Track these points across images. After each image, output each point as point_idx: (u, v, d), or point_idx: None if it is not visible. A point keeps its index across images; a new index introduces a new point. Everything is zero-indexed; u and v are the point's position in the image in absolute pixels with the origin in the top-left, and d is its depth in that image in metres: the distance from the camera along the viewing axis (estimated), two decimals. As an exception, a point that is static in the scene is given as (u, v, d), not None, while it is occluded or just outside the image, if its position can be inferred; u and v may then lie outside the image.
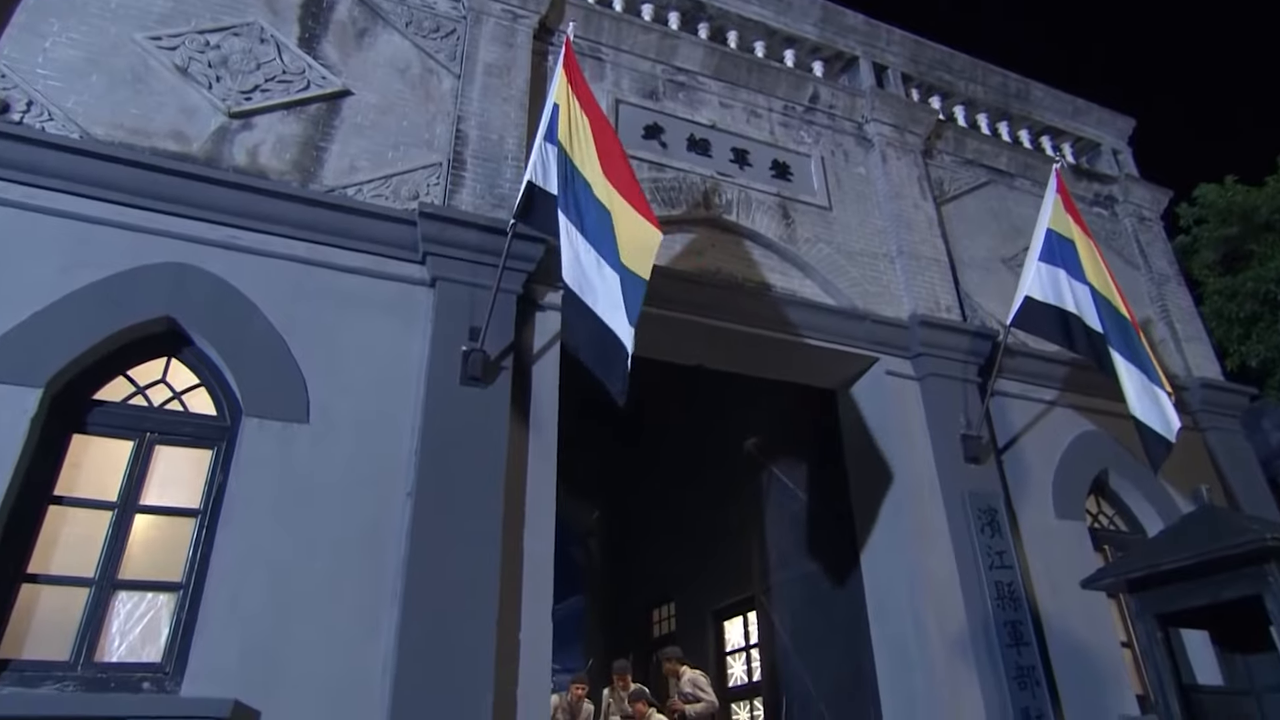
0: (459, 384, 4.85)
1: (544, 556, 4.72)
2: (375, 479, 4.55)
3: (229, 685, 3.83)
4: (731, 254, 6.43)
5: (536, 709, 4.34)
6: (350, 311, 4.94)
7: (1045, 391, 7.03)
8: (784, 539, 7.30)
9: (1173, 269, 8.78)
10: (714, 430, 9.61)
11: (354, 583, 4.26)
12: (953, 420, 6.29)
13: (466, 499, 4.54)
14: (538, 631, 4.51)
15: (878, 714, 5.87)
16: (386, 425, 4.71)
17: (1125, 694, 5.96)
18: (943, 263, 7.15)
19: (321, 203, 5.08)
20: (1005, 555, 5.87)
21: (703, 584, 9.88)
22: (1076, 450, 6.87)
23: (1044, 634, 5.85)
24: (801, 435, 7.35)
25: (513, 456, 4.84)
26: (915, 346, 6.48)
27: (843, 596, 6.43)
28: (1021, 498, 6.40)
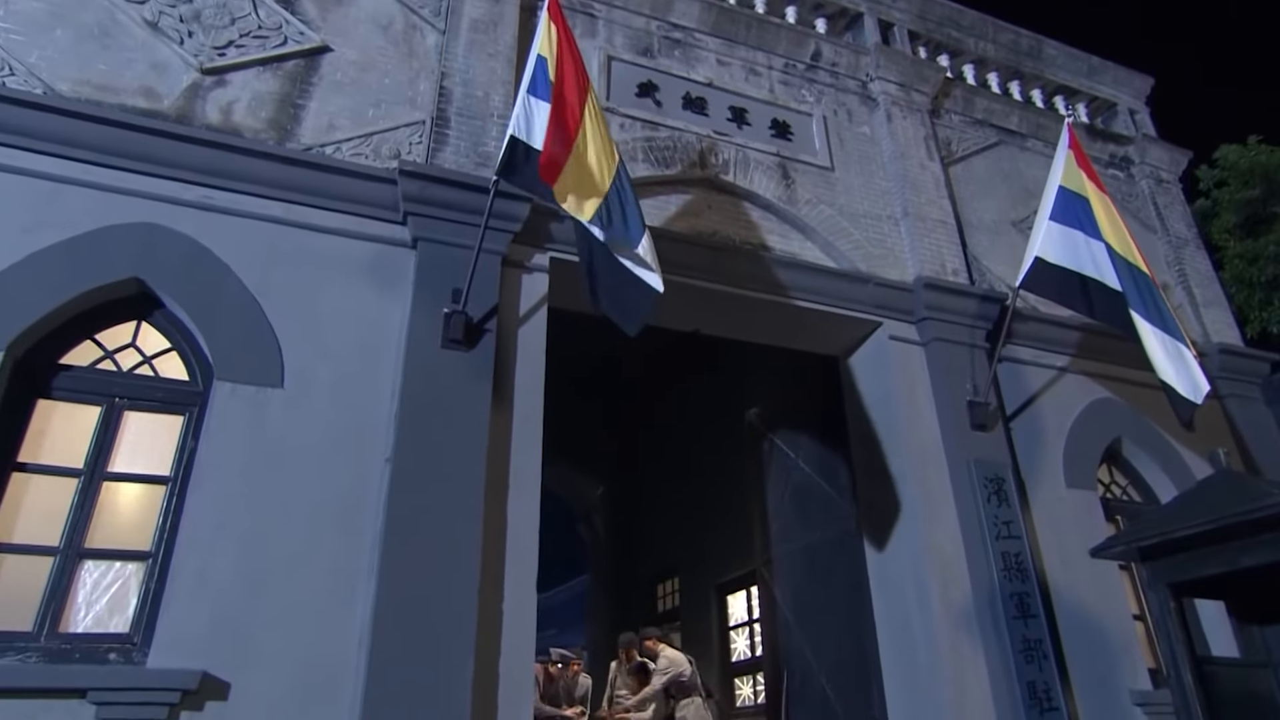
0: (440, 347, 4.67)
1: (528, 525, 4.55)
2: (352, 445, 4.39)
3: (197, 656, 3.70)
4: (729, 215, 6.20)
5: (520, 681, 4.19)
6: (328, 273, 4.77)
7: (1056, 357, 6.78)
8: (785, 510, 7.11)
9: (1191, 232, 8.46)
10: (718, 403, 9.41)
11: (329, 552, 4.12)
12: (959, 386, 6.06)
13: (447, 465, 4.37)
14: (521, 602, 4.36)
15: (879, 688, 5.70)
16: (364, 390, 4.54)
17: (1137, 668, 5.76)
18: (949, 225, 6.88)
19: (298, 161, 4.89)
20: (1012, 525, 5.66)
21: (706, 558, 9.73)
22: (1088, 418, 6.63)
23: (1052, 606, 5.65)
24: (803, 404, 7.14)
25: (496, 422, 4.67)
26: (920, 310, 6.25)
27: (844, 568, 6.24)
28: (1030, 467, 6.17)
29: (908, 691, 5.48)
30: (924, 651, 5.38)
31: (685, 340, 10.56)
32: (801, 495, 6.92)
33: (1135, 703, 5.57)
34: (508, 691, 4.13)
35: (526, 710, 4.18)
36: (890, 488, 5.92)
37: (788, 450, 7.18)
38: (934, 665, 5.29)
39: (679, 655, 7.14)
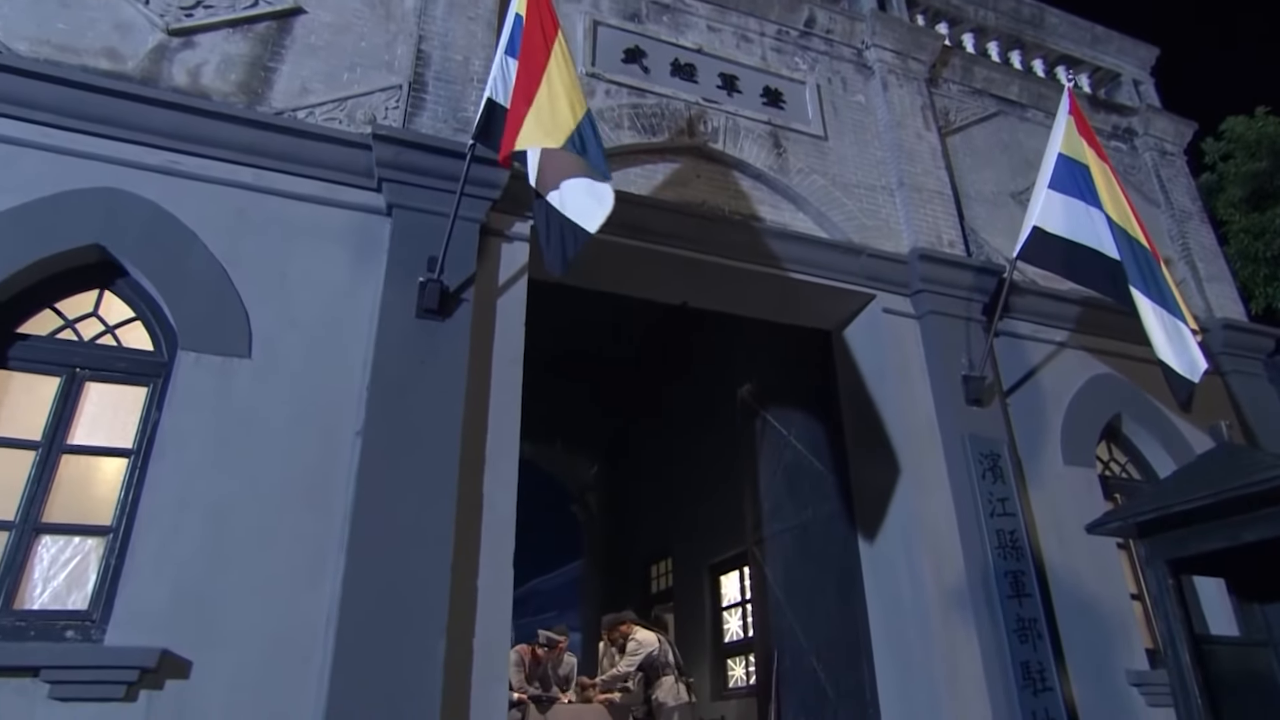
0: (414, 317, 4.52)
1: (505, 501, 4.41)
2: (322, 417, 4.24)
3: (157, 634, 3.57)
4: (718, 185, 6.02)
5: (494, 659, 4.06)
6: (299, 241, 4.61)
7: (1055, 332, 6.62)
8: (777, 489, 6.97)
9: (1195, 205, 8.26)
10: (713, 381, 9.28)
11: (296, 527, 3.98)
12: (954, 360, 5.90)
13: (420, 439, 4.23)
14: (497, 580, 4.22)
15: (870, 667, 5.58)
16: (336, 360, 4.39)
17: (1134, 648, 5.63)
18: (946, 196, 6.70)
19: (269, 125, 4.72)
20: (1008, 502, 5.51)
21: (699, 538, 9.62)
22: (1088, 394, 6.47)
23: (1048, 585, 5.51)
24: (796, 380, 6.99)
25: (473, 395, 4.52)
26: (915, 283, 6.07)
27: (836, 547, 6.11)
28: (1027, 443, 6.02)
29: (899, 671, 5.35)
30: (915, 630, 5.25)
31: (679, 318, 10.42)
32: (793, 473, 6.78)
33: (1132, 683, 5.44)
34: (482, 670, 4.00)
35: (501, 689, 4.05)
36: (883, 464, 5.77)
37: (780, 427, 7.03)
38: (925, 644, 5.16)
39: (649, 636, 7.06)
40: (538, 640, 6.83)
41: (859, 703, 5.66)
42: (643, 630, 7.43)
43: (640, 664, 6.83)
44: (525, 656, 6.73)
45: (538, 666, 6.71)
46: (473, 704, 3.92)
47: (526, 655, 6.75)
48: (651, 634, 7.39)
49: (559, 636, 7.01)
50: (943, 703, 4.96)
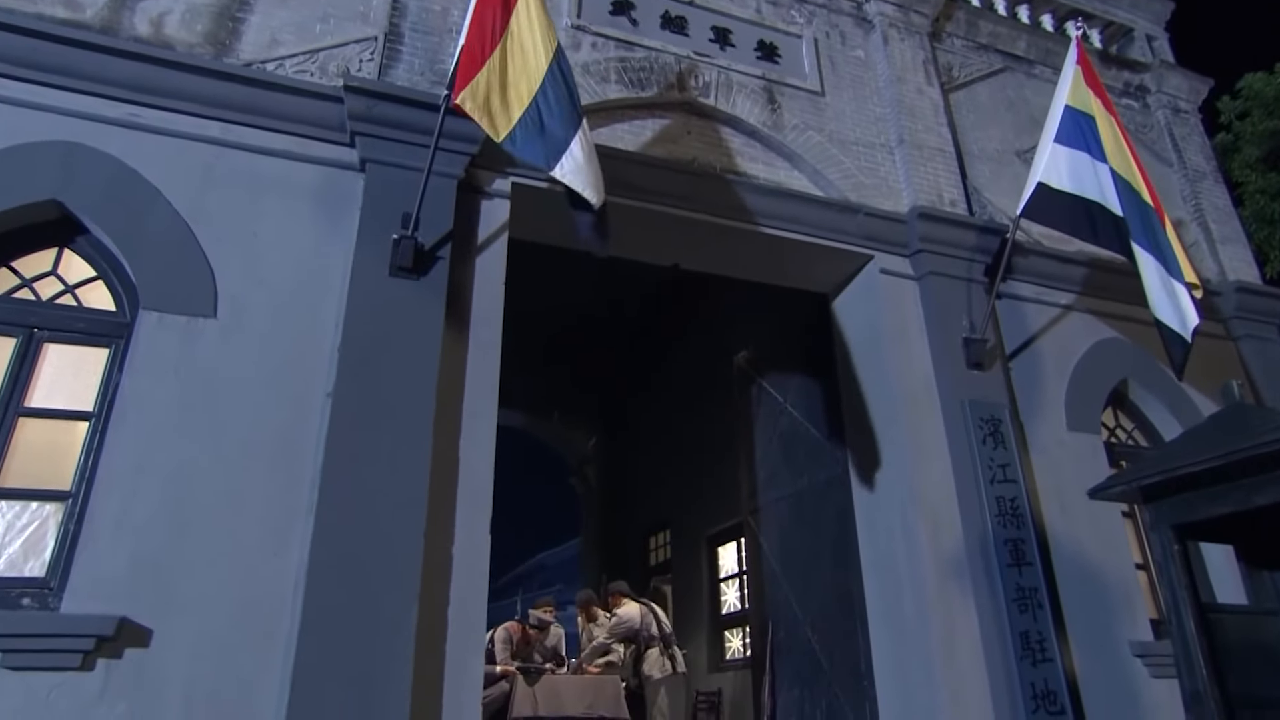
0: (387, 275, 4.34)
1: (482, 465, 4.26)
2: (291, 378, 4.08)
3: (116, 601, 3.44)
4: (709, 141, 5.79)
5: (471, 630, 3.93)
6: (268, 197, 4.42)
7: (1060, 295, 6.39)
8: (773, 457, 6.80)
9: (1209, 165, 7.97)
10: (710, 349, 9.08)
11: (263, 491, 3.83)
12: (954, 323, 5.69)
13: (392, 400, 4.07)
14: (474, 546, 4.08)
15: (865, 639, 5.43)
16: (305, 320, 4.23)
17: (1138, 618, 5.46)
18: (948, 153, 6.45)
19: (237, 77, 4.52)
20: (1009, 469, 5.33)
21: (697, 509, 9.49)
22: (1094, 358, 6.25)
23: (1049, 554, 5.34)
24: (792, 345, 6.80)
25: (448, 357, 4.35)
26: (914, 243, 5.85)
27: (832, 516, 5.95)
28: (1030, 408, 5.82)
29: (894, 642, 5.21)
30: (911, 601, 5.10)
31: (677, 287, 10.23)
32: (789, 440, 6.61)
33: (1135, 654, 5.28)
34: (457, 641, 3.87)
35: (477, 660, 3.92)
36: (880, 430, 5.59)
37: (776, 394, 6.85)
38: (921, 615, 5.01)
39: (632, 609, 6.95)
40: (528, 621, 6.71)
41: (854, 674, 5.52)
42: (628, 602, 7.32)
43: (622, 636, 6.72)
44: (514, 634, 6.62)
45: (525, 646, 6.60)
46: (447, 675, 3.79)
47: (516, 633, 6.64)
48: (635, 607, 7.26)
49: (549, 618, 6.90)
50: (938, 674, 4.81)
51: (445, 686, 3.77)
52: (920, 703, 4.91)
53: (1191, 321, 4.71)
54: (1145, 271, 4.86)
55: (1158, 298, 4.80)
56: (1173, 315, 4.75)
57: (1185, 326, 4.72)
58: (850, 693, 5.54)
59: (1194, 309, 4.74)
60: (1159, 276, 4.81)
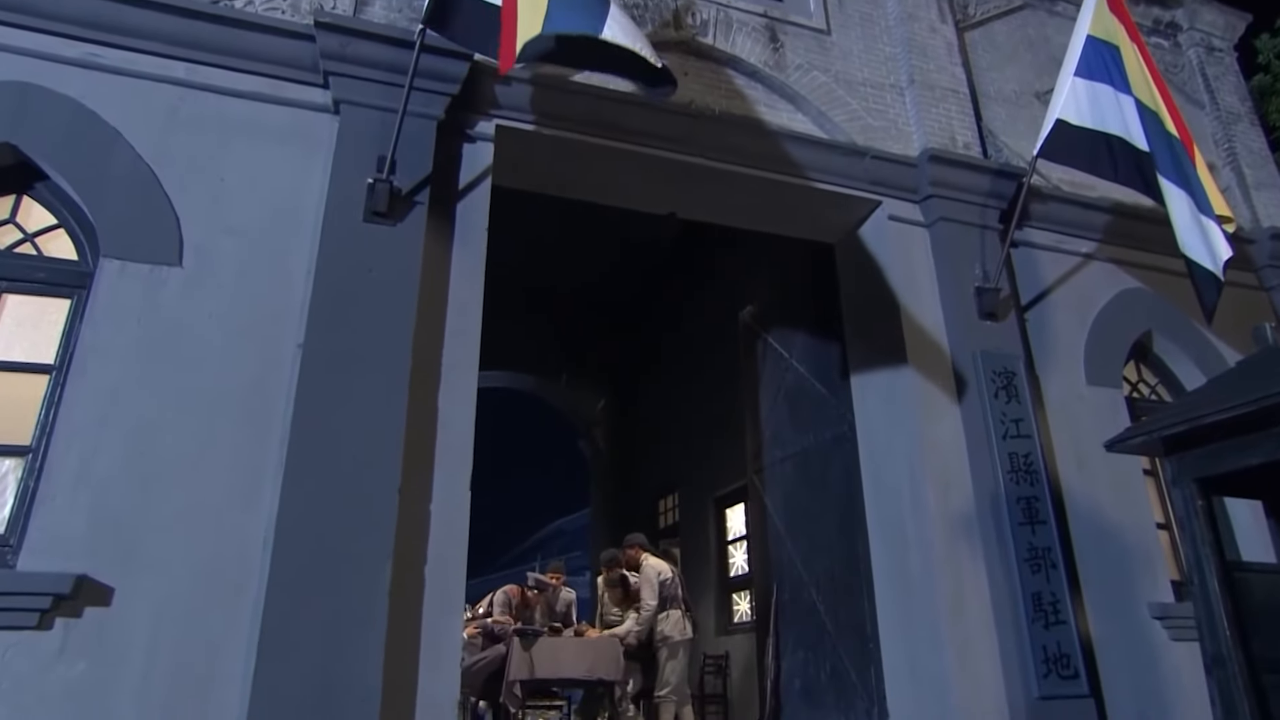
0: (362, 221, 4.13)
1: (463, 419, 4.08)
2: (261, 329, 3.90)
3: (75, 558, 3.30)
4: (708, 83, 5.49)
5: (448, 589, 3.77)
6: (236, 141, 4.21)
7: (1080, 243, 6.06)
8: (778, 415, 6.57)
9: (1245, 107, 7.53)
10: (718, 308, 8.83)
11: (231, 446, 3.67)
12: (966, 272, 5.40)
13: (366, 351, 3.88)
14: (453, 503, 3.90)
15: (870, 601, 5.23)
16: (276, 268, 4.04)
17: (1159, 580, 5.21)
18: (962, 94, 6.10)
19: (204, 14, 4.30)
20: (1023, 423, 5.06)
21: (705, 471, 9.30)
22: (1115, 309, 5.94)
23: (1065, 512, 5.09)
24: (797, 299, 6.53)
25: (427, 306, 4.15)
26: (924, 188, 5.55)
27: (837, 474, 5.73)
28: (1046, 361, 5.54)
29: (900, 604, 5.00)
30: (918, 561, 4.88)
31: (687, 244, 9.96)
32: (794, 397, 6.37)
33: (1154, 616, 5.05)
34: (434, 599, 3.71)
35: (455, 620, 3.76)
36: (887, 384, 5.34)
37: (781, 350, 6.60)
38: (928, 576, 4.79)
39: (663, 564, 6.68)
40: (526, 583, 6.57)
41: (859, 637, 5.33)
42: (653, 558, 6.99)
43: (667, 596, 6.39)
44: (514, 597, 6.49)
45: (526, 609, 6.46)
46: (424, 634, 3.64)
47: (515, 595, 6.51)
48: (664, 562, 6.95)
49: (548, 579, 6.74)
50: (945, 636, 4.61)
51: (422, 646, 3.62)
52: (926, 666, 4.72)
53: (1223, 256, 4.39)
54: (1173, 206, 4.54)
55: (1187, 234, 4.49)
56: (1203, 252, 4.43)
57: (1217, 263, 4.40)
58: (855, 655, 5.35)
59: (1225, 243, 4.41)
60: (1188, 211, 4.49)
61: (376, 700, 3.37)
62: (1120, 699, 4.75)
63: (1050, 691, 4.47)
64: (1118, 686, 4.78)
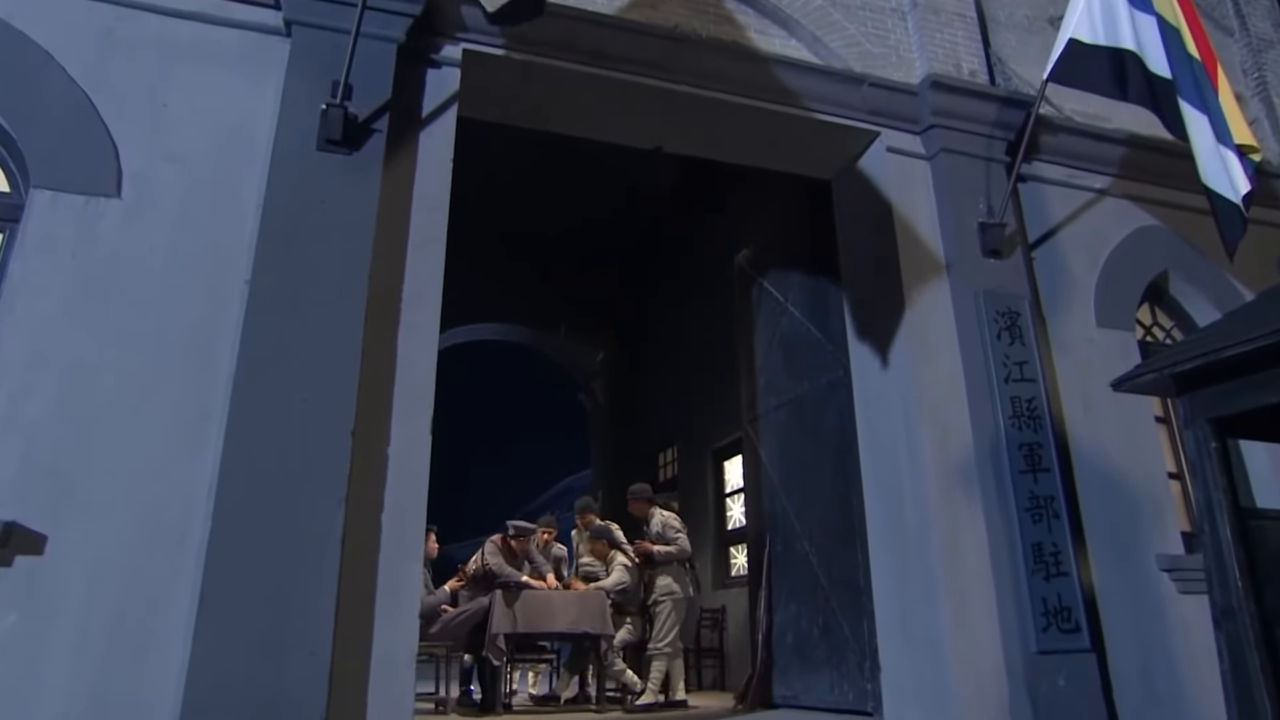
0: (315, 149, 3.85)
1: (423, 360, 3.84)
2: (206, 264, 3.66)
3: (4, 504, 3.11)
4: (693, 6, 5.12)
5: (407, 537, 3.57)
6: (180, 64, 3.93)
7: (1094, 177, 5.70)
8: (773, 362, 6.31)
9: (1278, 33, 7.07)
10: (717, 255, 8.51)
11: (175, 387, 3.46)
12: (969, 206, 5.08)
13: (318, 288, 3.64)
14: (412, 447, 3.69)
15: (864, 552, 5.02)
16: (224, 200, 3.78)
17: (1168, 530, 4.96)
18: (969, 19, 5.70)
19: (143, -72, 3.98)
20: (1026, 366, 4.78)
21: (704, 423, 9.08)
22: (1130, 248, 5.60)
23: (1070, 460, 4.83)
24: (794, 240, 6.23)
25: (386, 239, 3.89)
26: (926, 117, 5.20)
27: (832, 421, 5.48)
28: (1055, 301, 5.23)
29: (894, 555, 4.78)
30: (913, 511, 4.65)
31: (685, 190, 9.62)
32: (790, 343, 6.10)
33: (1163, 568, 4.81)
34: (392, 548, 3.51)
35: (413, 568, 3.56)
36: (883, 326, 5.06)
37: (777, 294, 6.32)
38: (923, 526, 4.56)
39: (673, 518, 6.44)
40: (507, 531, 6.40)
41: (852, 590, 5.14)
42: (659, 510, 6.66)
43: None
44: (499, 545, 6.33)
45: (512, 559, 6.29)
46: (380, 584, 3.45)
47: (500, 543, 6.34)
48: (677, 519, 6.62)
49: (532, 526, 6.56)
50: (939, 589, 4.39)
51: (378, 597, 3.43)
52: (919, 620, 4.51)
53: (1243, 189, 4.04)
54: (1194, 133, 4.19)
55: (1208, 163, 4.14)
56: (1225, 183, 4.09)
57: (1237, 193, 4.06)
58: (848, 609, 5.16)
59: (1244, 175, 4.06)
60: (1210, 139, 4.14)
61: (327, 653, 3.19)
62: (1124, 653, 4.54)
63: (1050, 645, 4.26)
64: (1121, 640, 4.56)
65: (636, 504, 6.53)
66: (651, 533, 6.31)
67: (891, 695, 4.68)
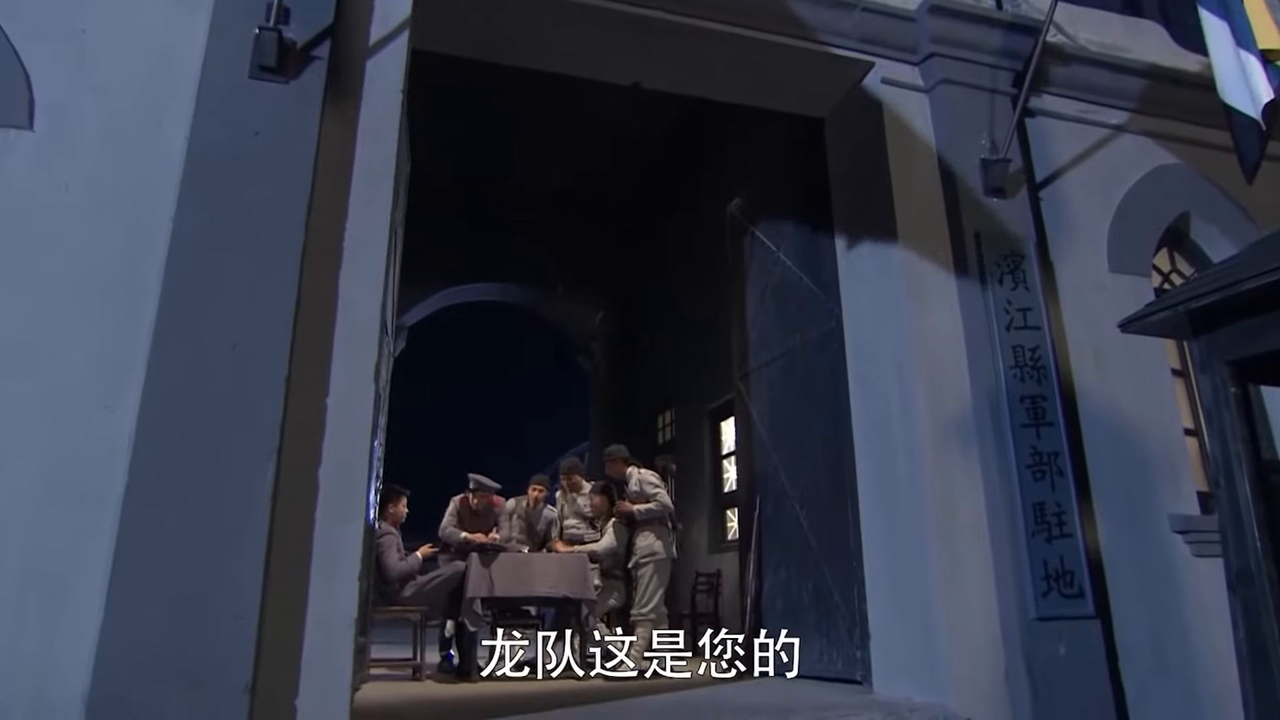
0: (247, 77, 3.54)
1: (367, 303, 3.56)
2: (129, 202, 3.37)
3: (-99, 458, 2.88)
4: (672, -74, 4.73)
5: (349, 493, 3.31)
6: (102, -13, 3.62)
7: (1110, 112, 5.29)
8: (765, 314, 5.99)
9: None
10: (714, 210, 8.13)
11: (94, 335, 3.19)
12: (971, 142, 4.70)
13: (249, 226, 3.35)
14: (354, 397, 3.41)
15: (855, 513, 4.72)
16: (149, 134, 3.48)
17: (1183, 490, 4.63)
18: (975, -62, 5.25)
19: None
20: (1030, 314, 4.43)
21: (701, 383, 8.80)
22: (1147, 188, 5.20)
23: (1077, 414, 4.50)
24: (787, 186, 5.87)
25: (327, 176, 3.59)
26: (924, 46, 4.80)
27: (824, 375, 5.17)
28: (1063, 245, 4.86)
29: (884, 513, 4.49)
30: (904, 465, 4.35)
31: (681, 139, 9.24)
32: (782, 294, 5.77)
33: (1176, 529, 4.48)
34: (330, 505, 3.25)
35: (355, 527, 3.29)
36: (875, 271, 4.73)
37: (769, 243, 5.98)
38: (915, 484, 4.26)
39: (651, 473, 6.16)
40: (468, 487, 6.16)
41: (843, 553, 4.85)
42: (642, 469, 6.38)
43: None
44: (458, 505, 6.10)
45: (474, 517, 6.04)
46: (316, 545, 3.20)
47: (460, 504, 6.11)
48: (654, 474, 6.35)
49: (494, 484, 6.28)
50: (930, 552, 4.09)
51: (314, 559, 3.18)
52: (910, 584, 4.23)
53: (1265, 96, 3.62)
54: (1212, 43, 3.78)
55: (1227, 76, 3.73)
56: (1244, 96, 3.67)
57: (1257, 105, 3.65)
58: (838, 573, 4.89)
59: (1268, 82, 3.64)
60: (1229, 45, 3.72)
61: (254, 618, 2.95)
62: (1131, 620, 4.23)
63: (1050, 611, 3.95)
64: (1129, 606, 4.25)
65: (614, 464, 6.26)
66: (630, 492, 6.04)
67: (881, 663, 4.41)
